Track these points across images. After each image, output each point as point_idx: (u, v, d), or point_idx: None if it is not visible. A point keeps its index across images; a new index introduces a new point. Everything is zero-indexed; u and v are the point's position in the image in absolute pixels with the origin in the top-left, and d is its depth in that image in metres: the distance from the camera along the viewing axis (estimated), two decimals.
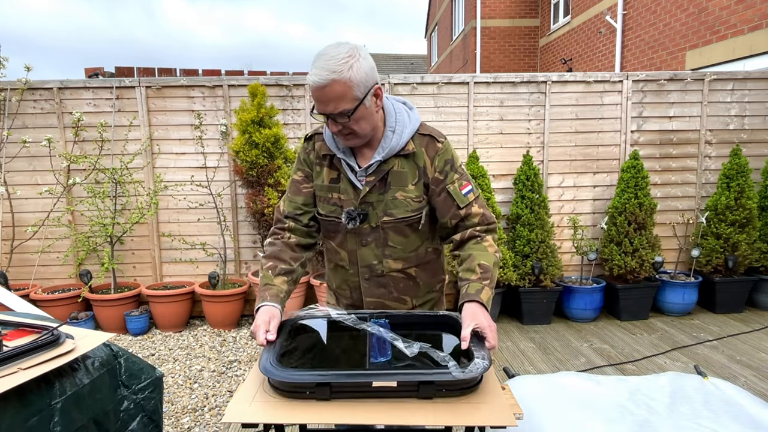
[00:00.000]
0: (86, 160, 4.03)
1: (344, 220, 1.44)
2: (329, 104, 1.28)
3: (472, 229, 1.44)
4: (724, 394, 1.54)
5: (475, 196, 1.45)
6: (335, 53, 1.25)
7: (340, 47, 1.27)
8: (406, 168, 1.43)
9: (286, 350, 1.22)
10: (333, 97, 1.27)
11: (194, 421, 2.71)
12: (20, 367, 1.10)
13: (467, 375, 1.06)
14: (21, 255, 4.20)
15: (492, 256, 1.40)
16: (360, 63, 1.27)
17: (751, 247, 4.17)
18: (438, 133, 1.47)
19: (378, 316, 1.40)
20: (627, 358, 3.39)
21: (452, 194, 1.43)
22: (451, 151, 1.46)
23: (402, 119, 1.42)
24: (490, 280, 1.34)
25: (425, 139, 1.44)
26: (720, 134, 4.45)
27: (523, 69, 12.17)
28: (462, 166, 1.48)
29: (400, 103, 1.48)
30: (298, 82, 4.21)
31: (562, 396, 1.59)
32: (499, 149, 4.36)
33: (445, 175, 1.43)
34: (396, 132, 1.40)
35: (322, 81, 1.25)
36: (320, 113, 1.33)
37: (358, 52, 1.27)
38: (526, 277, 4.05)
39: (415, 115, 1.46)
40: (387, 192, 1.43)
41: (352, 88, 1.26)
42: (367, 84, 1.29)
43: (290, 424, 1.03)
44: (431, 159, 1.43)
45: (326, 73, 1.24)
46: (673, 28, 7.09)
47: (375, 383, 1.06)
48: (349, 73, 1.25)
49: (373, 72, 1.32)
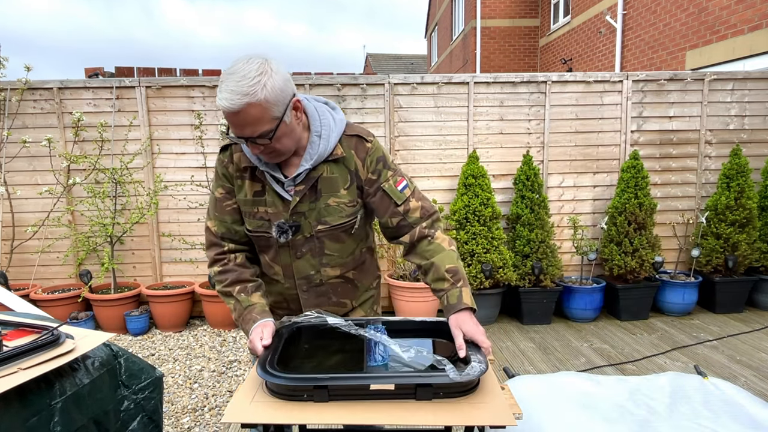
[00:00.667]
0: (86, 160, 4.03)
1: (275, 234, 1.36)
2: (246, 128, 1.20)
3: (419, 228, 1.39)
4: (724, 394, 1.55)
5: (411, 190, 1.41)
6: (245, 71, 1.15)
7: (249, 63, 1.17)
8: (337, 173, 1.36)
9: (283, 355, 1.22)
10: (250, 121, 1.18)
11: (194, 421, 2.71)
12: (20, 367, 1.10)
13: (464, 378, 1.06)
14: (21, 255, 4.20)
15: (451, 252, 1.36)
16: (274, 79, 1.18)
17: (751, 247, 4.17)
18: (365, 131, 1.41)
19: (374, 322, 1.40)
20: (627, 358, 3.39)
21: (388, 192, 1.37)
22: (381, 149, 1.40)
23: (327, 122, 1.34)
24: (462, 280, 1.32)
25: (353, 140, 1.37)
26: (720, 134, 4.45)
27: (523, 69, 12.17)
28: (394, 162, 1.43)
29: (322, 104, 1.40)
30: (297, 82, 4.21)
31: (562, 396, 1.59)
32: (499, 149, 4.36)
33: (378, 174, 1.38)
34: (323, 137, 1.32)
35: (235, 106, 1.15)
36: (238, 137, 1.24)
37: (269, 66, 1.18)
38: (526, 277, 4.05)
39: (339, 115, 1.39)
40: (318, 200, 1.36)
41: (269, 109, 1.18)
42: (285, 99, 1.21)
43: (290, 424, 1.03)
44: (362, 160, 1.37)
45: (238, 96, 1.14)
46: (673, 28, 7.09)
47: (373, 386, 1.07)
48: (264, 92, 1.16)
49: (289, 84, 1.23)
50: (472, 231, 4.00)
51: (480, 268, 3.94)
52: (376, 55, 26.13)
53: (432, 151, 4.33)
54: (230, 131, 1.26)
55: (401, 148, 4.32)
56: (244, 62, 1.18)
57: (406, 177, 1.42)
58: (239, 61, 1.19)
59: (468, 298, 1.29)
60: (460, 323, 1.24)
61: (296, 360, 1.22)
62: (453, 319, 1.26)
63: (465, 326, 1.23)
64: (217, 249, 1.45)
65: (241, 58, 1.19)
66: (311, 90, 4.21)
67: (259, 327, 1.32)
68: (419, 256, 1.39)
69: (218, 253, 1.45)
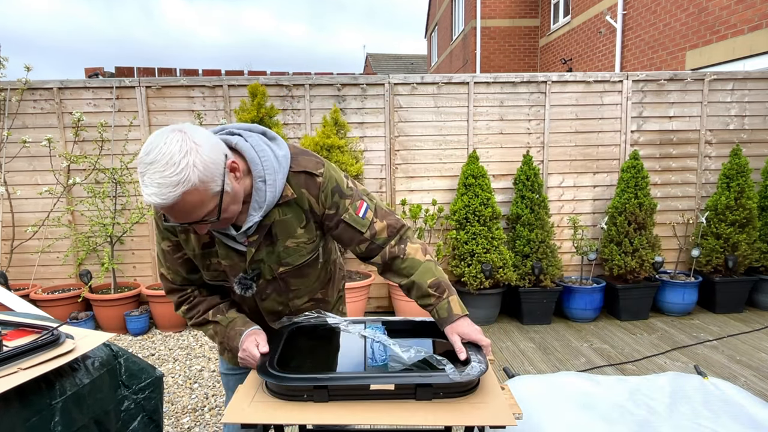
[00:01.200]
0: (86, 160, 4.03)
1: (238, 290, 1.29)
2: (188, 216, 1.07)
3: (388, 248, 1.32)
4: (724, 394, 1.55)
5: (373, 211, 1.31)
6: (167, 156, 0.99)
7: (168, 144, 1.00)
8: (290, 213, 1.25)
9: (283, 355, 1.22)
10: (189, 209, 1.05)
11: (194, 421, 2.71)
12: (20, 367, 1.10)
13: (464, 378, 1.06)
14: (21, 255, 4.20)
15: (428, 264, 1.31)
16: (201, 153, 1.02)
17: (751, 247, 4.17)
18: (313, 163, 1.25)
19: (374, 321, 1.40)
20: (627, 358, 3.39)
21: (351, 223, 1.28)
22: (334, 178, 1.27)
23: (269, 164, 1.18)
24: (447, 290, 1.29)
25: (301, 177, 1.23)
26: (720, 134, 4.45)
27: (523, 69, 12.17)
28: (350, 183, 1.31)
29: (258, 136, 1.22)
30: (298, 82, 4.21)
31: (562, 396, 1.59)
32: (499, 149, 4.36)
33: (336, 207, 1.27)
34: (268, 182, 1.17)
35: (168, 200, 1.00)
36: (181, 224, 1.10)
37: (190, 139, 1.02)
38: (526, 277, 4.05)
39: (281, 150, 1.22)
40: (276, 243, 1.27)
41: (207, 189, 1.04)
42: (219, 169, 1.06)
43: (289, 424, 1.03)
44: (316, 197, 1.25)
45: (169, 189, 0.99)
46: (673, 28, 7.09)
47: (373, 386, 1.07)
48: (196, 174, 1.01)
49: (218, 148, 1.08)
50: (472, 231, 4.00)
51: (480, 268, 3.94)
52: (376, 55, 26.13)
53: (432, 151, 4.33)
54: (167, 219, 1.09)
55: (401, 148, 4.32)
56: (160, 144, 1.00)
57: (366, 197, 1.32)
58: (154, 143, 1.01)
59: (457, 307, 1.27)
60: (456, 330, 1.24)
61: (296, 360, 1.22)
62: (448, 329, 1.26)
63: (461, 330, 1.24)
64: (178, 293, 1.40)
65: (155, 139, 1.02)
66: (311, 90, 4.21)
67: (250, 335, 1.29)
68: (396, 274, 1.34)
69: (181, 296, 1.39)
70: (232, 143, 1.18)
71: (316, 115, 4.25)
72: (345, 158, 3.89)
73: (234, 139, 1.18)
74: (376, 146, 4.30)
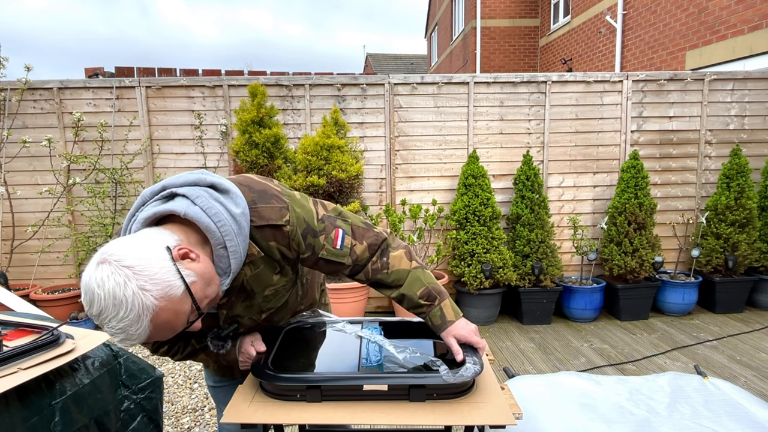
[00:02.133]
0: (86, 160, 4.03)
1: (213, 348, 1.18)
2: (172, 331, 0.96)
3: (371, 265, 1.24)
4: (725, 394, 1.55)
5: (351, 236, 1.20)
6: (110, 299, 0.86)
7: (102, 285, 0.86)
8: (261, 264, 1.13)
9: (278, 355, 1.22)
10: (167, 327, 0.93)
11: (194, 421, 2.71)
12: (20, 367, 1.10)
13: (458, 379, 1.06)
14: (21, 255, 4.20)
15: (415, 273, 1.24)
16: (137, 271, 0.88)
17: (751, 247, 4.17)
18: (276, 212, 1.10)
19: (372, 322, 1.40)
20: (627, 358, 3.39)
21: (329, 258, 1.18)
22: (302, 219, 1.13)
23: (227, 229, 1.01)
24: (438, 296, 1.24)
25: (266, 231, 1.09)
26: (720, 134, 4.45)
27: (523, 69, 12.17)
28: (320, 213, 1.18)
29: (208, 197, 1.02)
30: (298, 82, 4.21)
31: (562, 396, 1.59)
32: (499, 149, 4.36)
33: (312, 248, 1.16)
34: (230, 249, 1.03)
35: (143, 337, 0.90)
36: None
37: (118, 264, 0.88)
38: (526, 277, 4.05)
39: (237, 207, 1.04)
40: (254, 297, 1.18)
41: (171, 297, 0.91)
42: (169, 268, 0.92)
43: (289, 424, 1.03)
44: (287, 246, 1.13)
45: (134, 328, 0.88)
46: (673, 28, 7.09)
47: (366, 386, 1.06)
48: (148, 296, 0.88)
49: (153, 248, 0.92)
50: (472, 231, 4.00)
51: (480, 268, 3.94)
52: (376, 55, 26.13)
53: (432, 151, 4.33)
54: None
55: (401, 148, 4.32)
56: (95, 289, 0.87)
57: (340, 221, 1.21)
58: (89, 292, 0.87)
59: (450, 313, 1.24)
60: (452, 333, 1.22)
61: (291, 360, 1.22)
62: (443, 334, 1.24)
63: (456, 333, 1.22)
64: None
65: (88, 287, 0.88)
66: (311, 90, 4.22)
67: (245, 338, 1.25)
68: (385, 288, 1.26)
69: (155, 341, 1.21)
70: (179, 212, 0.99)
71: (316, 115, 4.25)
72: (345, 158, 3.89)
73: (179, 205, 1.00)
74: (376, 146, 4.30)
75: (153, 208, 1.01)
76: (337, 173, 3.84)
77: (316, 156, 3.87)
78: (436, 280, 1.29)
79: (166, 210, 1.00)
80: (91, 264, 0.90)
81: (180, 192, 1.02)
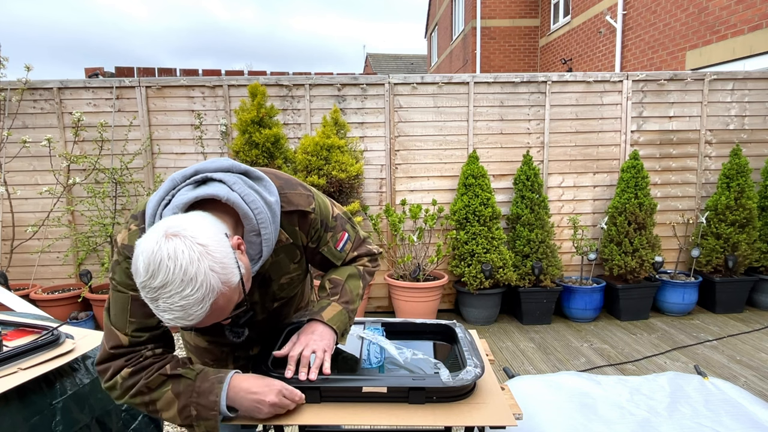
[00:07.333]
0: (86, 160, 4.03)
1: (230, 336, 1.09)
2: (218, 318, 0.93)
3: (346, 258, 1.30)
4: (725, 394, 1.55)
5: (352, 242, 1.26)
6: (180, 274, 0.83)
7: (174, 257, 0.83)
8: (283, 253, 1.16)
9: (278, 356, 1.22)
10: (218, 313, 0.91)
11: None
12: (20, 367, 1.10)
13: (458, 382, 1.06)
14: (21, 255, 4.20)
15: (348, 269, 1.26)
16: (210, 251, 0.86)
17: (751, 247, 4.17)
18: (304, 199, 1.14)
19: (374, 323, 1.40)
20: (627, 358, 3.39)
21: (327, 256, 1.23)
22: (322, 211, 1.19)
23: (263, 217, 1.01)
24: (340, 295, 1.21)
25: (294, 216, 1.13)
26: (720, 134, 4.45)
27: (523, 69, 12.17)
28: (335, 211, 1.24)
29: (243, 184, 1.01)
30: (298, 82, 4.21)
31: (562, 396, 1.59)
32: (499, 149, 4.36)
33: (318, 240, 1.20)
34: (264, 236, 1.02)
35: (196, 320, 0.87)
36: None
37: (192, 240, 0.85)
38: (526, 277, 4.05)
39: (271, 195, 1.06)
40: (270, 284, 1.19)
41: (231, 284, 0.89)
42: (232, 256, 0.91)
43: (289, 424, 1.03)
44: (306, 233, 1.17)
45: (194, 309, 0.85)
46: (673, 28, 7.09)
47: (365, 389, 1.06)
48: (216, 278, 0.86)
49: (219, 232, 0.91)
50: (472, 231, 4.00)
51: (480, 268, 3.94)
52: (376, 55, 26.13)
53: (432, 151, 4.33)
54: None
55: (401, 148, 4.32)
56: (164, 259, 0.82)
57: (348, 226, 1.26)
58: (154, 260, 0.82)
59: (329, 315, 1.17)
60: (303, 330, 1.16)
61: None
62: (306, 325, 1.18)
63: (308, 330, 1.15)
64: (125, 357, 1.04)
65: (154, 255, 0.82)
66: (311, 90, 4.22)
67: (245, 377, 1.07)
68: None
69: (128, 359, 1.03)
70: (221, 197, 0.96)
71: (316, 115, 4.25)
72: (345, 158, 3.89)
73: (218, 190, 0.97)
74: (376, 146, 4.30)
75: (193, 192, 0.97)
76: (337, 173, 3.84)
77: (316, 156, 3.87)
78: (361, 293, 1.26)
79: (208, 194, 0.96)
80: (156, 234, 0.84)
81: (216, 177, 1.00)
